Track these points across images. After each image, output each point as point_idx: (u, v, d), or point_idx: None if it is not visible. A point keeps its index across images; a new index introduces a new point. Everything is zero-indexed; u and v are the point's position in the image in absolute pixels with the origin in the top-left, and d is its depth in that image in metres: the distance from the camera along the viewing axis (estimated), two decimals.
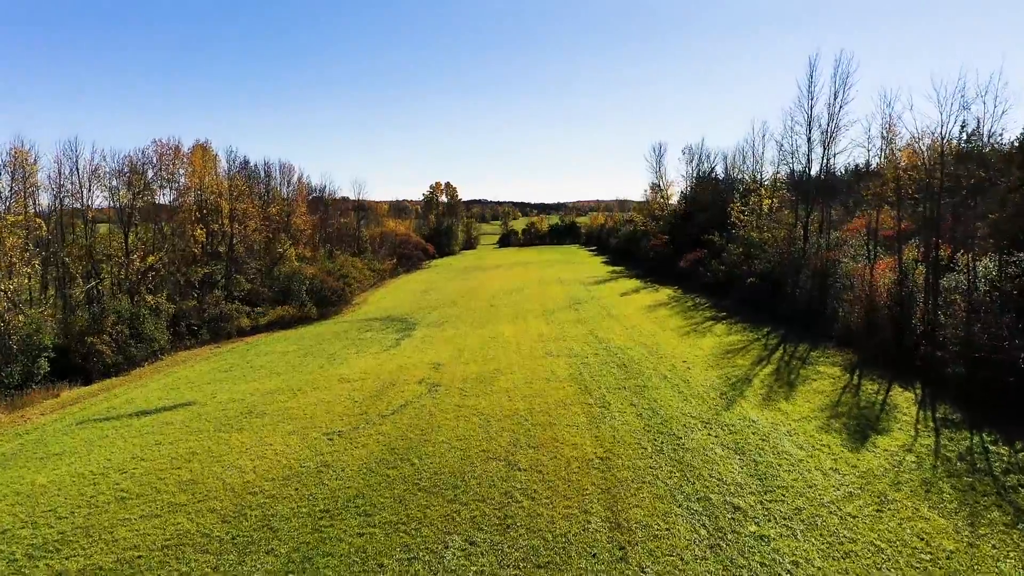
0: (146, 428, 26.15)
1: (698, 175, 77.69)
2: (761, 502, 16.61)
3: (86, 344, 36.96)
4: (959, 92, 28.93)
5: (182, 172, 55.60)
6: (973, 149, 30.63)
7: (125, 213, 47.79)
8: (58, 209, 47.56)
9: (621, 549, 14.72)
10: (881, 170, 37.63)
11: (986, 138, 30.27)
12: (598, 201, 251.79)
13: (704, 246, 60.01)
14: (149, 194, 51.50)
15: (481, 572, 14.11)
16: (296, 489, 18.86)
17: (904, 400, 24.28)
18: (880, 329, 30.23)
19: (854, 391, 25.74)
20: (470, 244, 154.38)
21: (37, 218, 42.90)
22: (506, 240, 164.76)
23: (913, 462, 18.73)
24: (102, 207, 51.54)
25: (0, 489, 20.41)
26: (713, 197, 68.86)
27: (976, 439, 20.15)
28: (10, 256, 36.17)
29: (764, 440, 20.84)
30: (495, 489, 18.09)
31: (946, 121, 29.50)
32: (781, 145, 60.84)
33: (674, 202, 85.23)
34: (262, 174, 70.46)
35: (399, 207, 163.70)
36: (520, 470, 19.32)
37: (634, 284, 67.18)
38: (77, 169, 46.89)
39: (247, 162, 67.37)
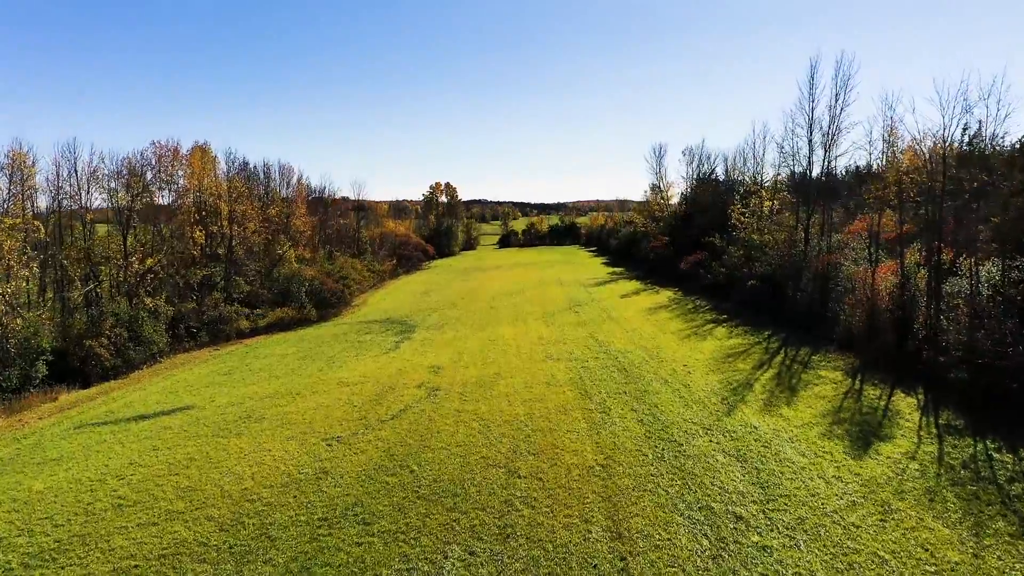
0: (144, 433, 25.98)
1: (698, 176, 77.45)
2: (763, 511, 16.47)
3: (84, 347, 36.82)
4: (961, 95, 28.86)
5: (181, 174, 55.56)
6: (975, 152, 30.50)
7: (124, 215, 47.65)
8: (56, 211, 47.47)
9: (622, 560, 14.57)
10: (883, 172, 37.47)
11: (988, 141, 30.16)
12: (598, 201, 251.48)
13: (704, 248, 59.82)
14: (148, 196, 51.36)
15: None
16: (294, 497, 18.72)
17: (906, 406, 24.13)
18: (882, 333, 30.09)
19: (856, 396, 25.58)
20: (470, 244, 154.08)
21: (35, 220, 42.71)
22: (506, 241, 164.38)
23: (916, 470, 18.59)
24: (101, 207, 51.49)
25: None
26: (713, 198, 68.63)
27: (980, 446, 20.00)
28: (8, 259, 36.08)
29: (766, 447, 20.69)
30: (495, 497, 17.95)
31: (948, 124, 29.50)
32: (782, 147, 60.66)
33: (674, 203, 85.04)
34: (261, 175, 70.48)
35: (399, 207, 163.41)
36: (520, 477, 19.17)
37: (634, 286, 66.99)
38: (76, 171, 47.02)
39: (246, 163, 67.30)
